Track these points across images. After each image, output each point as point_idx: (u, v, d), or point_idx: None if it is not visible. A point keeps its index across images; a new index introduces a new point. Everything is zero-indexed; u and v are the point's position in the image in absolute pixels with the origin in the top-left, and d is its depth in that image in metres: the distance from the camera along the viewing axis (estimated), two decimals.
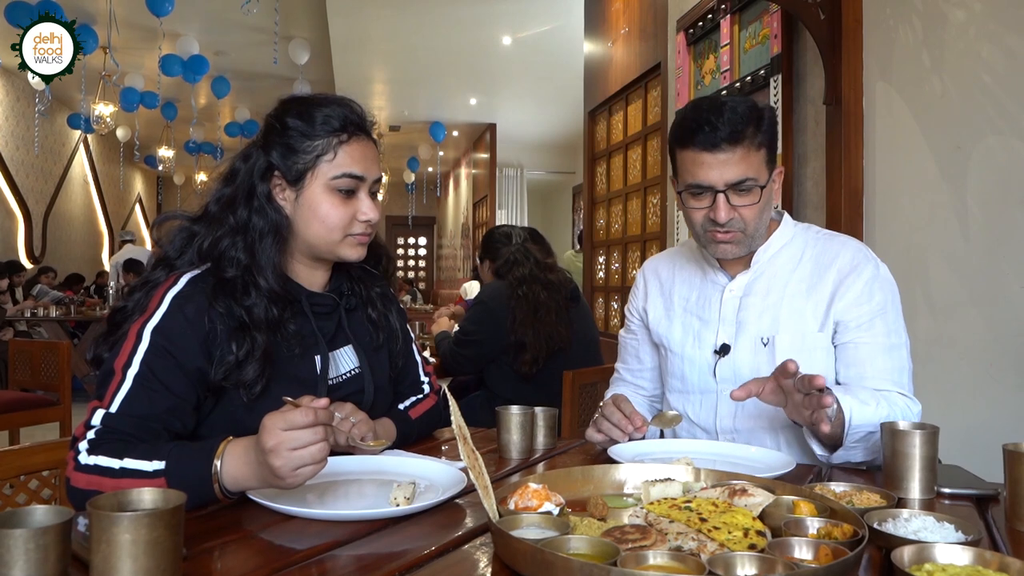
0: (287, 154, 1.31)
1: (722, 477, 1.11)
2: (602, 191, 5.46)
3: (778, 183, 1.54)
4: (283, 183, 1.33)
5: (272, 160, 1.32)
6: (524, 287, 2.96)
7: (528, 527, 0.89)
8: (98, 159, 13.54)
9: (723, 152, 1.42)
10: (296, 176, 1.31)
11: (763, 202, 1.46)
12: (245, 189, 1.32)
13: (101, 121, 8.93)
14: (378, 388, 1.45)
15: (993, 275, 2.14)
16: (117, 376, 1.17)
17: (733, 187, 1.43)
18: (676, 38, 4.01)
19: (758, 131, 1.43)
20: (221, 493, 1.06)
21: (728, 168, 1.42)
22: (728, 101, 1.45)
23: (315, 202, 1.31)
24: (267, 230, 1.30)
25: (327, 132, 1.31)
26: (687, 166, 1.46)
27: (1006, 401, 2.08)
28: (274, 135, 1.33)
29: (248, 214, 1.31)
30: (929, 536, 0.89)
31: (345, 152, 1.31)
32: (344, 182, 1.31)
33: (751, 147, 1.43)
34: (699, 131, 1.42)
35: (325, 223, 1.31)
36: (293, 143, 1.31)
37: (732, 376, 1.54)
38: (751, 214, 1.46)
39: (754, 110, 1.45)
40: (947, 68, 2.31)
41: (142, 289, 1.28)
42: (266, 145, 1.34)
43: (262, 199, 1.31)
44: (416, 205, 16.39)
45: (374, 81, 10.04)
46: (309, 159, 1.30)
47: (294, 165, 1.31)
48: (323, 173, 1.30)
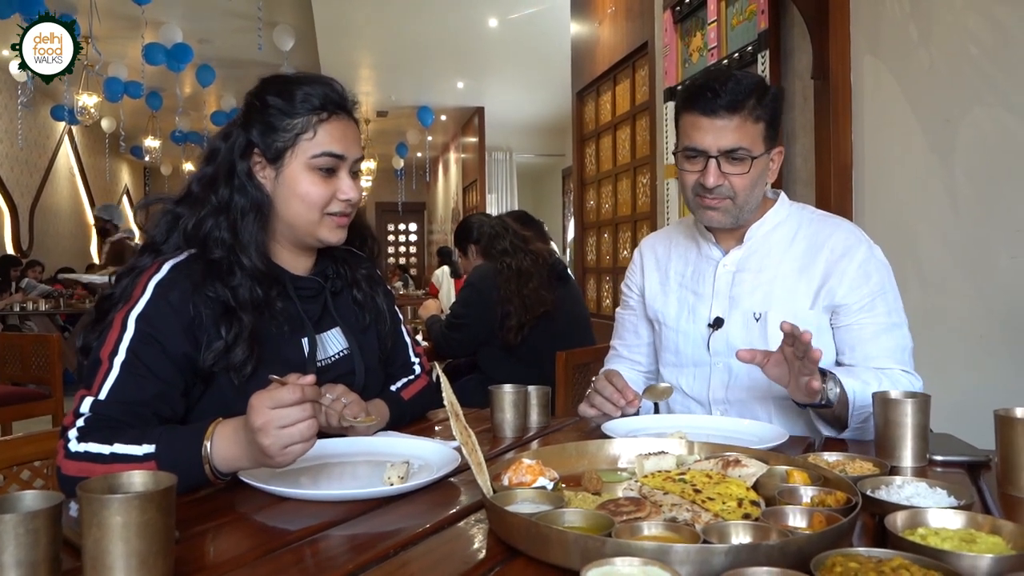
0: (267, 132, 1.30)
1: (715, 449, 1.11)
2: (592, 172, 5.45)
3: (777, 163, 1.56)
4: (263, 161, 1.32)
5: (252, 138, 1.32)
6: (508, 258, 3.01)
7: (522, 502, 0.89)
8: (83, 151, 13.42)
9: (720, 118, 1.45)
10: (276, 154, 1.31)
11: (754, 173, 1.48)
12: (226, 168, 1.32)
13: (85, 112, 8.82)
14: (368, 369, 1.44)
15: (982, 247, 2.15)
16: (104, 364, 1.16)
17: (726, 154, 1.46)
18: (663, 16, 3.99)
19: (759, 104, 1.46)
20: (212, 475, 1.05)
21: (723, 134, 1.45)
22: (737, 73, 1.49)
23: (294, 180, 1.30)
24: (248, 208, 1.30)
25: (307, 110, 1.30)
26: (686, 128, 1.50)
27: (996, 371, 2.09)
28: (254, 113, 1.33)
29: (230, 193, 1.30)
30: (922, 502, 0.90)
31: (325, 130, 1.31)
32: (324, 160, 1.30)
33: (749, 118, 1.45)
34: (701, 96, 1.46)
35: (304, 201, 1.31)
36: (273, 121, 1.30)
37: (725, 349, 1.56)
38: (741, 183, 1.48)
39: (760, 86, 1.48)
40: (935, 41, 2.31)
41: (129, 275, 1.27)
42: (246, 123, 1.33)
43: (242, 177, 1.31)
44: (405, 191, 16.30)
45: (360, 66, 9.97)
46: (289, 137, 1.30)
47: (274, 143, 1.30)
48: (303, 151, 1.30)
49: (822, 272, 1.53)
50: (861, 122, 2.60)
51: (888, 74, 2.49)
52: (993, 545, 0.76)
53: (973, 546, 0.75)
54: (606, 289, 5.20)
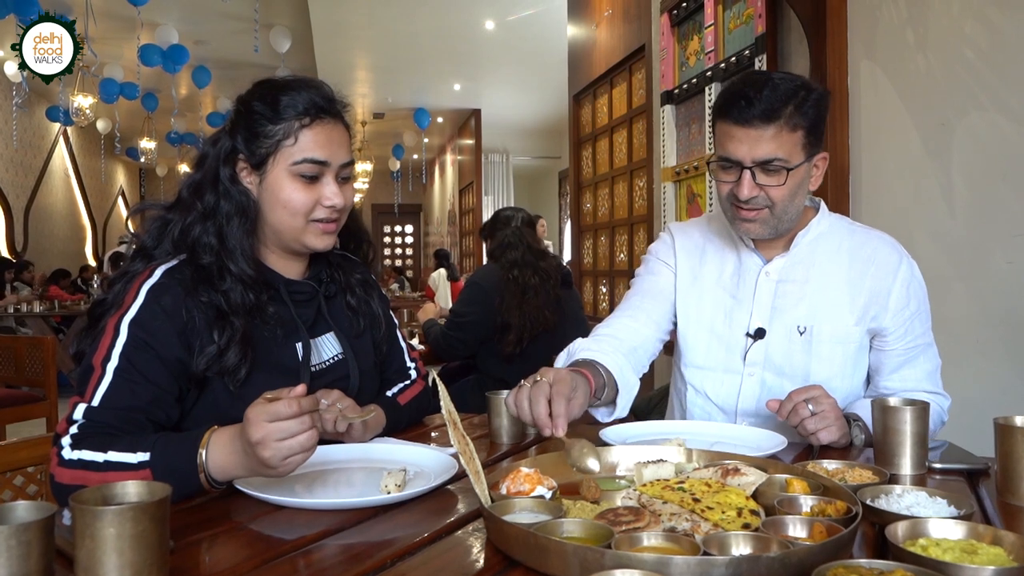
0: (250, 139, 1.30)
1: (714, 457, 1.10)
2: (588, 175, 5.45)
3: (821, 169, 1.48)
4: (248, 167, 1.32)
5: (236, 144, 1.31)
6: (516, 270, 3.00)
7: (521, 511, 0.88)
8: (78, 152, 13.39)
9: (754, 128, 1.38)
10: (259, 160, 1.30)
11: (792, 184, 1.42)
12: (212, 173, 1.32)
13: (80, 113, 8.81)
14: (363, 373, 1.44)
15: (979, 251, 2.15)
16: (97, 371, 1.15)
17: (760, 165, 1.39)
18: (660, 20, 3.98)
19: (798, 111, 1.38)
20: (208, 483, 1.04)
21: (758, 145, 1.38)
22: (775, 77, 1.41)
23: (277, 187, 1.29)
24: (234, 213, 1.29)
25: (290, 116, 1.28)
26: (720, 138, 1.44)
27: (994, 376, 2.09)
28: (240, 119, 1.32)
29: (216, 198, 1.30)
30: (922, 511, 0.89)
31: (307, 136, 1.29)
32: (306, 167, 1.29)
33: (785, 127, 1.38)
34: (735, 104, 1.39)
35: (287, 208, 1.30)
36: (256, 127, 1.29)
37: (762, 361, 1.52)
38: (778, 195, 1.42)
39: (800, 89, 1.40)
40: (931, 45, 2.31)
41: (121, 280, 1.27)
42: (232, 129, 1.33)
43: (227, 182, 1.30)
44: (402, 193, 16.31)
45: (357, 68, 9.96)
46: (271, 143, 1.29)
47: (257, 149, 1.29)
48: (284, 158, 1.29)
49: (868, 289, 1.49)
50: (858, 126, 2.60)
51: (885, 78, 2.49)
52: (995, 556, 0.75)
53: (975, 557, 0.74)
54: (603, 292, 5.20)
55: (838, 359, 1.49)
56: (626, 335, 1.56)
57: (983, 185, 2.14)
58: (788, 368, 1.50)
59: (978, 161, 2.16)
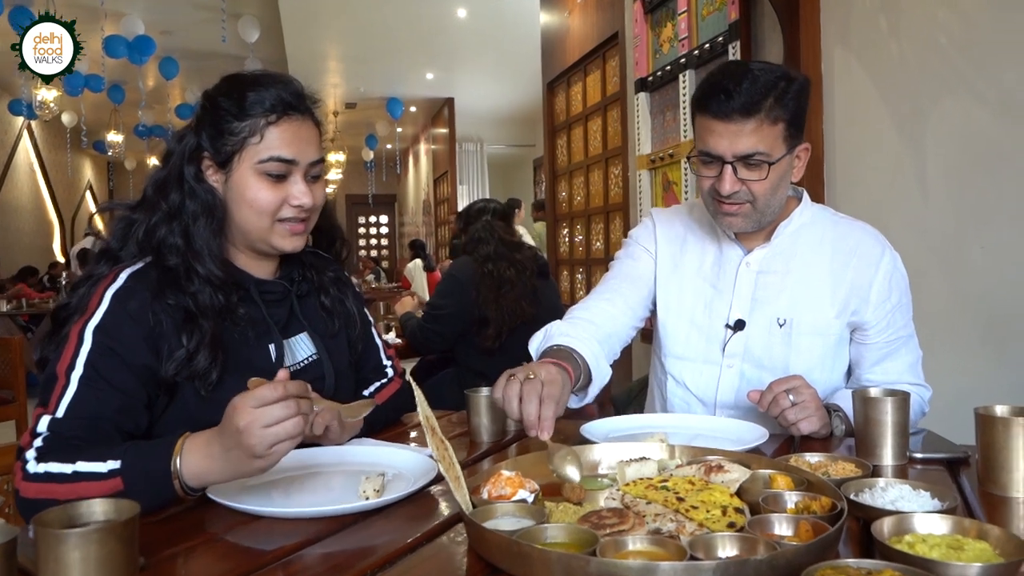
0: (216, 136, 1.26)
1: (697, 453, 1.09)
2: (563, 163, 5.43)
3: (803, 160, 1.46)
4: (213, 165, 1.28)
5: (201, 141, 1.27)
6: (490, 264, 2.97)
7: (503, 517, 0.86)
8: (43, 146, 13.11)
9: (734, 123, 1.35)
10: (224, 158, 1.26)
11: (774, 177, 1.40)
12: (176, 171, 1.28)
13: (45, 107, 8.63)
14: (338, 373, 1.41)
15: (954, 238, 2.16)
16: (60, 380, 1.11)
17: (742, 159, 1.37)
18: (633, 7, 3.97)
19: (778, 104, 1.36)
20: (182, 490, 1.01)
21: (739, 139, 1.36)
22: (754, 69, 1.38)
23: (243, 186, 1.26)
24: (199, 212, 1.25)
25: (257, 113, 1.24)
26: (699, 132, 1.42)
27: (969, 362, 2.11)
28: (205, 115, 1.28)
29: (181, 197, 1.26)
30: (906, 506, 0.89)
31: (274, 134, 1.25)
32: (272, 166, 1.25)
33: (766, 120, 1.36)
34: (714, 97, 1.36)
35: (253, 207, 1.26)
36: (222, 124, 1.25)
37: (742, 352, 1.52)
38: (760, 189, 1.40)
39: (780, 80, 1.37)
40: (904, 32, 2.31)
41: (85, 284, 1.22)
42: (198, 125, 1.29)
43: (192, 181, 1.26)
44: (376, 183, 16.17)
45: (328, 58, 9.83)
46: (236, 141, 1.25)
47: (223, 147, 1.25)
48: (250, 156, 1.25)
49: (850, 281, 1.48)
50: (832, 113, 2.60)
51: (858, 65, 2.49)
52: (981, 552, 0.75)
53: (961, 554, 0.74)
54: (579, 281, 5.19)
55: (817, 351, 1.49)
56: (602, 320, 1.54)
57: (957, 172, 2.15)
58: (767, 360, 1.50)
59: (952, 148, 2.17)
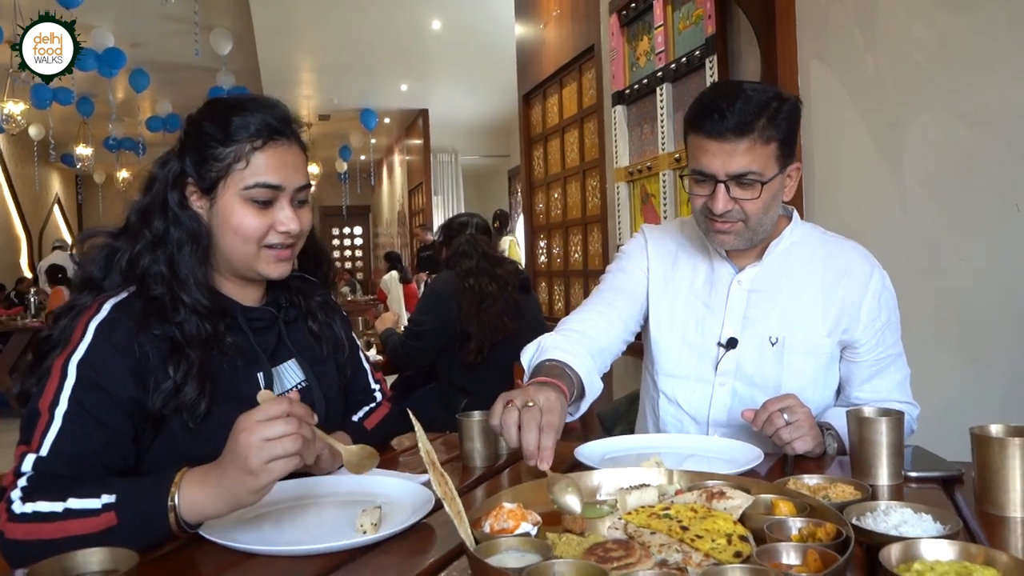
0: (200, 162, 1.23)
1: (695, 478, 1.08)
2: (540, 175, 5.43)
3: (794, 179, 1.48)
4: (197, 191, 1.25)
5: (185, 167, 1.25)
6: (472, 279, 2.95)
7: (507, 551, 0.85)
8: (10, 160, 12.87)
9: (728, 142, 1.36)
10: (209, 184, 1.23)
11: (767, 197, 1.41)
12: (160, 198, 1.25)
13: (11, 120, 8.47)
14: (328, 400, 1.38)
15: (933, 249, 2.18)
16: (43, 416, 1.07)
17: (735, 179, 1.38)
18: (609, 20, 3.98)
19: (771, 124, 1.37)
20: (177, 525, 0.98)
21: (732, 159, 1.37)
22: (747, 89, 1.39)
23: (228, 212, 1.23)
24: (184, 240, 1.23)
25: (242, 138, 1.22)
26: (693, 151, 1.43)
27: (950, 375, 2.13)
28: (189, 140, 1.26)
29: (165, 225, 1.23)
30: (910, 531, 0.88)
31: (260, 159, 1.22)
32: (258, 192, 1.23)
33: (759, 140, 1.37)
34: (708, 117, 1.37)
35: (238, 234, 1.23)
36: (206, 150, 1.23)
37: (734, 371, 1.52)
38: (752, 208, 1.41)
39: (772, 101, 1.39)
40: (880, 46, 2.34)
41: (67, 315, 1.19)
42: (182, 151, 1.26)
43: (175, 208, 1.24)
44: (350, 194, 16.09)
45: (301, 69, 9.78)
46: (221, 167, 1.22)
47: (207, 173, 1.23)
48: (235, 182, 1.22)
49: (840, 300, 1.49)
50: (809, 127, 2.62)
51: (835, 79, 2.52)
52: None
53: None
54: (558, 292, 5.19)
55: (809, 370, 1.50)
56: (596, 334, 1.53)
57: (934, 184, 2.18)
58: (759, 378, 1.50)
59: (929, 160, 2.19)
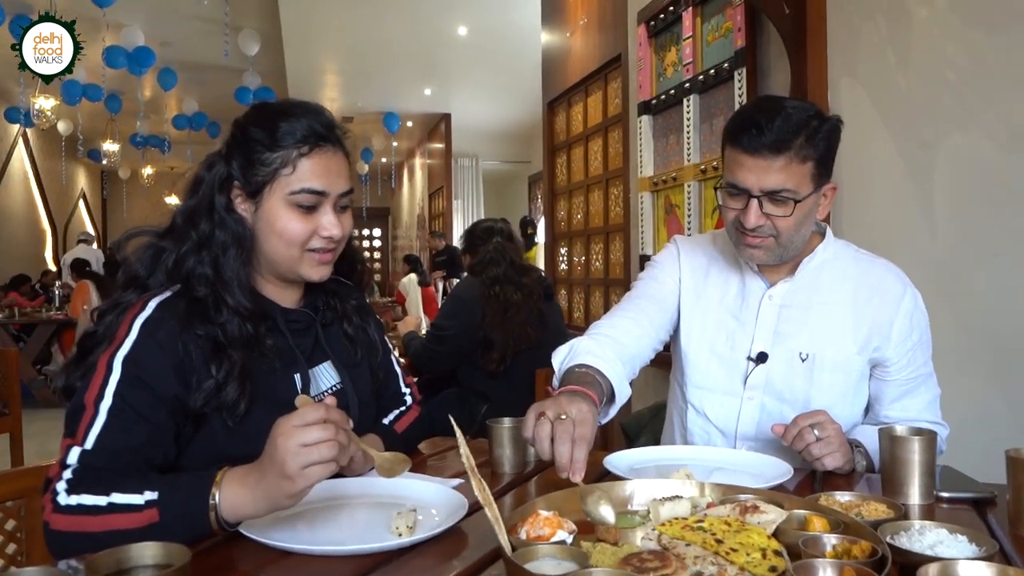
0: (246, 166, 1.25)
1: (727, 491, 1.09)
2: (563, 182, 5.44)
3: (829, 199, 1.48)
4: (243, 195, 1.27)
5: (232, 171, 1.27)
6: (497, 287, 2.96)
7: (544, 558, 0.86)
8: (38, 154, 13.06)
9: (764, 158, 1.36)
10: (255, 188, 1.25)
11: (799, 215, 1.41)
12: (207, 201, 1.27)
13: (42, 115, 8.60)
14: (362, 403, 1.40)
15: (960, 272, 2.17)
16: (89, 411, 1.10)
17: (768, 195, 1.38)
18: (637, 30, 3.99)
19: (808, 143, 1.37)
20: (217, 523, 1.00)
21: (767, 175, 1.37)
22: (788, 106, 1.39)
23: (273, 216, 1.25)
24: (230, 242, 1.25)
25: (288, 144, 1.24)
26: (729, 164, 1.43)
27: (975, 396, 2.12)
28: (236, 145, 1.28)
29: (211, 227, 1.25)
30: (946, 551, 0.89)
31: (306, 166, 1.24)
32: (303, 197, 1.24)
33: (795, 158, 1.37)
34: (746, 131, 1.37)
35: (283, 238, 1.25)
36: (253, 154, 1.25)
37: (763, 385, 1.52)
38: (784, 225, 1.41)
39: (812, 119, 1.38)
40: (912, 65, 2.33)
41: (113, 312, 1.21)
42: (228, 155, 1.28)
43: (221, 211, 1.26)
44: (370, 196, 16.18)
45: (326, 72, 9.86)
46: (267, 172, 1.24)
47: (253, 177, 1.25)
48: (281, 187, 1.24)
49: (871, 318, 1.49)
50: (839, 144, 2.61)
51: (866, 97, 2.52)
52: None
53: None
54: (578, 301, 5.20)
55: (839, 387, 1.50)
56: (627, 340, 1.54)
57: (964, 205, 2.17)
58: (788, 393, 1.50)
59: (959, 182, 2.18)
